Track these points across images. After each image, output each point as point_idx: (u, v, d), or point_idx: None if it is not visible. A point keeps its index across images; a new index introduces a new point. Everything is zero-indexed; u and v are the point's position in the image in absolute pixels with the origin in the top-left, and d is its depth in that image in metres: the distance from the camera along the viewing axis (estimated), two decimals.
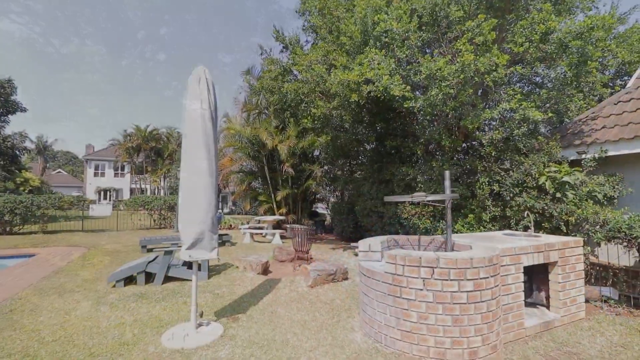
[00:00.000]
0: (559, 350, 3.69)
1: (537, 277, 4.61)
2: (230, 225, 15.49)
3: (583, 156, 5.94)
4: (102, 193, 41.47)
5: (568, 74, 5.35)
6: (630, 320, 4.46)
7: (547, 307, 4.48)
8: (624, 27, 7.38)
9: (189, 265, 6.10)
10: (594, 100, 6.87)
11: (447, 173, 4.17)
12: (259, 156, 14.07)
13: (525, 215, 5.18)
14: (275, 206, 13.91)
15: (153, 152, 37.58)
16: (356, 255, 8.71)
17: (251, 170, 15.51)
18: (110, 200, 39.85)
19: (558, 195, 5.51)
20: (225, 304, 4.70)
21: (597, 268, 5.34)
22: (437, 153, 7.49)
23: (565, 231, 5.45)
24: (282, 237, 12.16)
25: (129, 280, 5.90)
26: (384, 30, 5.80)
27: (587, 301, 4.76)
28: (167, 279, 5.88)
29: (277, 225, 13.69)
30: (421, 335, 3.14)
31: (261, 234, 12.42)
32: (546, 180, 5.52)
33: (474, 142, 7.61)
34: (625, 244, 4.80)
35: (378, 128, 8.45)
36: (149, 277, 5.95)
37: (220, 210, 31.36)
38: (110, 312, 4.45)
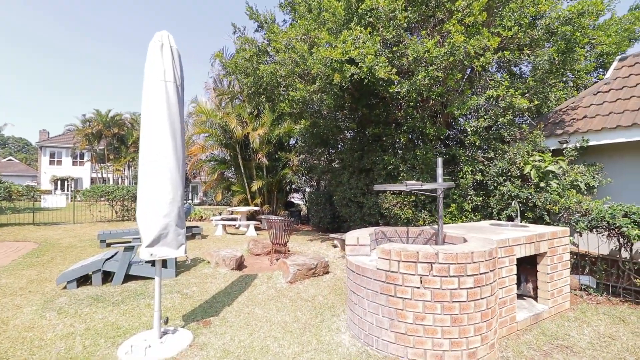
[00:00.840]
0: (550, 344, 3.57)
1: (524, 268, 4.50)
2: (201, 217, 14.70)
3: (564, 145, 5.92)
4: (58, 183, 38.49)
5: (556, 60, 5.22)
6: (612, 309, 4.47)
7: (535, 298, 4.39)
8: (602, 18, 7.45)
9: (153, 261, 5.49)
10: (575, 90, 6.90)
11: (439, 160, 3.89)
12: (231, 144, 13.33)
13: (513, 205, 5.07)
14: (249, 196, 13.30)
15: (116, 139, 35.24)
16: (335, 247, 8.41)
17: (223, 159, 14.73)
18: (69, 190, 37.09)
19: (542, 184, 5.44)
20: (195, 306, 4.20)
21: (575, 257, 5.35)
22: (419, 141, 7.27)
23: (548, 221, 5.41)
24: (256, 228, 11.66)
25: (84, 280, 5.22)
26: (369, 8, 5.39)
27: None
28: (128, 278, 5.26)
29: (252, 216, 13.13)
30: (417, 338, 2.85)
31: (234, 225, 11.83)
32: (531, 170, 5.43)
33: (456, 131, 7.46)
34: (607, 233, 4.80)
35: (359, 114, 8.10)
36: (107, 277, 5.30)
37: (189, 201, 30.10)
38: (57, 320, 3.83)
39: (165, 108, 3.12)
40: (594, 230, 4.93)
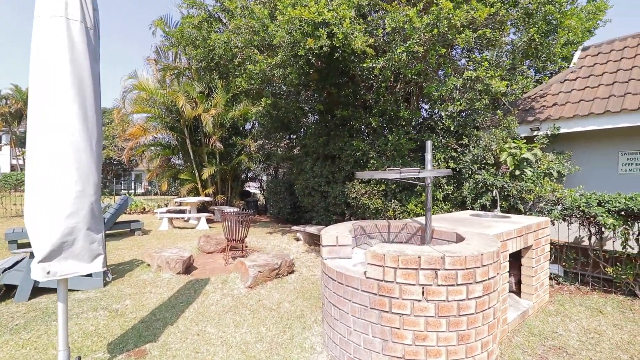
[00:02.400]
0: (543, 345, 3.29)
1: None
2: (144, 209, 13.09)
3: (535, 133, 5.79)
4: None
5: (536, 40, 4.95)
6: (586, 299, 4.39)
7: (517, 292, 4.14)
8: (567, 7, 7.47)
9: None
10: (546, 77, 6.86)
11: (429, 143, 3.35)
12: (179, 127, 11.88)
13: (494, 195, 4.79)
14: (200, 186, 12.05)
15: None
16: (298, 240, 7.75)
17: (169, 143, 13.16)
18: None
19: (517, 172, 5.23)
20: (127, 328, 3.27)
21: None
22: (390, 126, 6.78)
23: (522, 210, 5.23)
24: (209, 221, 10.54)
25: None
26: None
27: None
28: (38, 291, 4.10)
29: (203, 207, 11.93)
30: None
31: (183, 218, 10.60)
32: (507, 157, 5.18)
33: (424, 117, 7.11)
34: (580, 222, 4.71)
35: (325, 95, 7.38)
36: (11, 291, 4.09)
37: (131, 192, 27.46)
38: None
39: (68, 59, 2.13)
40: (567, 218, 4.82)
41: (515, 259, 4.09)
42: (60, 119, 2.11)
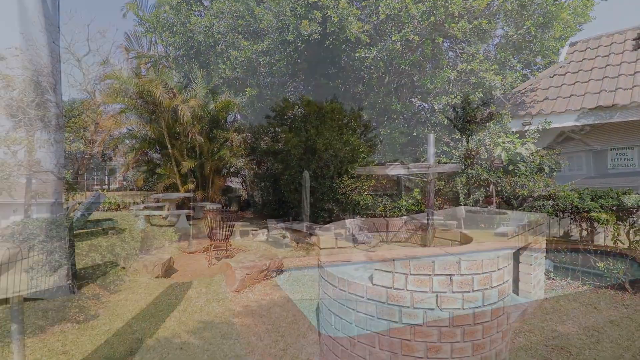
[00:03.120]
0: (545, 345, 3.21)
1: None
2: (119, 206, 12.34)
3: (527, 127, 5.74)
4: None
5: (532, 33, 4.86)
6: (579, 294, 4.37)
7: (514, 291, 4.05)
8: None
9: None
10: (535, 70, 6.84)
11: (431, 137, 3.17)
12: (156, 119, 11.20)
13: (490, 190, 4.69)
14: (179, 181, 11.45)
15: None
16: (284, 237, 7.46)
17: (145, 136, 12.42)
18: None
19: (510, 167, 5.16)
20: (100, 342, 2.90)
21: None
22: (381, 119, 6.58)
23: (514, 205, 5.17)
24: (189, 218, 10.04)
25: None
26: None
27: None
28: None
29: (183, 204, 11.37)
30: None
31: (161, 215, 10.04)
32: (502, 151, 5.09)
33: (418, 110, 6.95)
34: (572, 217, 4.69)
35: (314, 86, 7.08)
36: None
37: (104, 187, 26.18)
38: None
39: (18, 31, 1.75)
40: (559, 214, 4.80)
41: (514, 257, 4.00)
42: (9, 107, 1.72)
